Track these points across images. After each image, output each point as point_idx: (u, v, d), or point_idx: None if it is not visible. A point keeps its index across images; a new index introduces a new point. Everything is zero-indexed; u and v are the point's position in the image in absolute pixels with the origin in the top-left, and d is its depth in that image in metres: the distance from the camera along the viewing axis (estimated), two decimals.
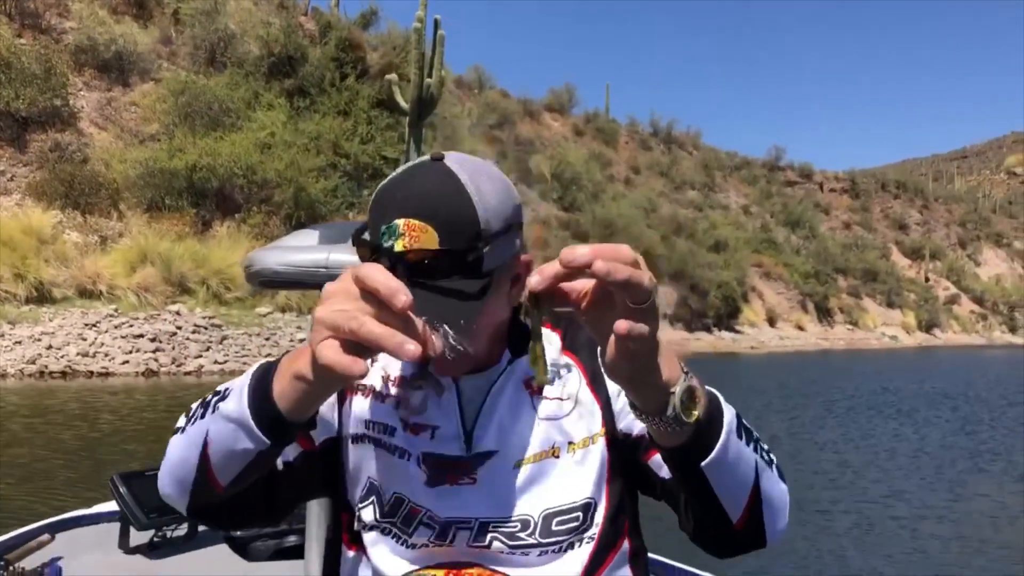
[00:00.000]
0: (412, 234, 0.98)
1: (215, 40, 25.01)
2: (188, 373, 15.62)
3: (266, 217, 20.09)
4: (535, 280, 0.81)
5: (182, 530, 2.29)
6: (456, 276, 1.00)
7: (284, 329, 17.65)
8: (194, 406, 1.06)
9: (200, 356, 16.16)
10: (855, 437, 11.72)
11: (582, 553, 1.11)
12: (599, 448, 1.14)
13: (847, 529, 6.73)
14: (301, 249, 1.66)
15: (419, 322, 0.79)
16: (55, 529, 2.22)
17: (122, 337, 15.76)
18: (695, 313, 37.64)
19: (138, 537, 2.22)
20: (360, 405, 1.15)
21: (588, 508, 1.12)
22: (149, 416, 10.91)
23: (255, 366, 0.98)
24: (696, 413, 0.89)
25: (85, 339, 15.40)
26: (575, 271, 0.80)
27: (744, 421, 1.00)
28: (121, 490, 2.14)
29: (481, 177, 1.04)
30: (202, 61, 24.92)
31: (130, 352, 15.50)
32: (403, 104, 22.29)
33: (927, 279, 63.48)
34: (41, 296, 16.28)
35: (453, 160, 1.05)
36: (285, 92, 24.29)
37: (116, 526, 2.26)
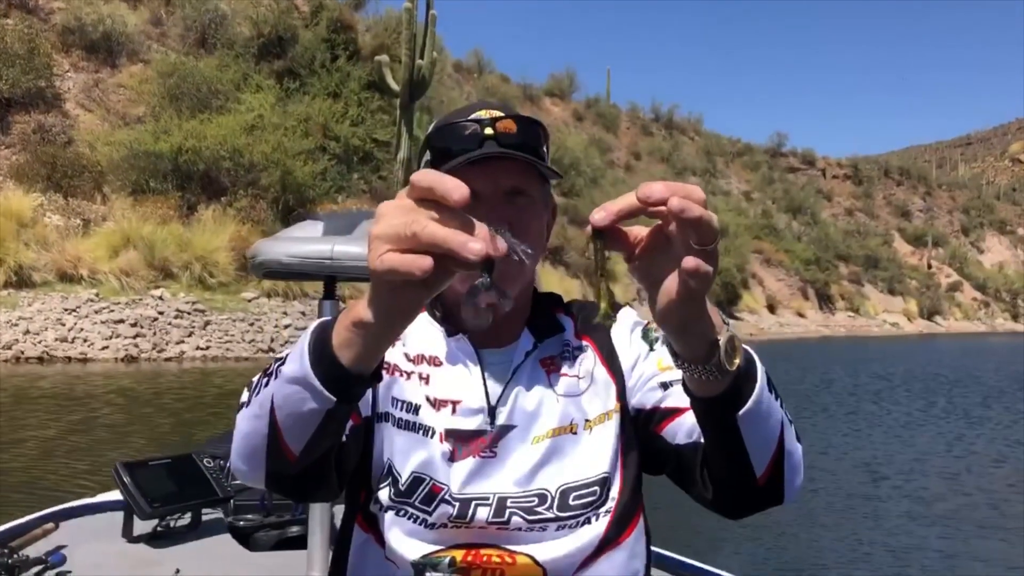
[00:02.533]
0: (494, 115, 1.12)
1: (206, 21, 24.62)
2: (169, 359, 15.33)
3: (253, 201, 19.71)
4: (599, 216, 0.81)
5: (185, 519, 2.30)
6: (535, 148, 1.13)
7: (269, 315, 17.33)
8: (255, 379, 1.02)
9: (182, 342, 15.86)
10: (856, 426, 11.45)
11: (598, 527, 1.15)
12: (614, 424, 1.18)
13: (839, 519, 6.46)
14: (306, 240, 1.73)
15: (481, 227, 0.74)
16: (59, 518, 2.25)
17: (102, 322, 15.45)
18: None
19: (142, 526, 2.22)
20: (386, 383, 1.17)
21: (604, 483, 1.15)
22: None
23: (313, 324, 0.93)
24: (737, 361, 0.91)
25: (64, 324, 15.09)
26: (650, 206, 0.79)
27: (770, 377, 1.00)
28: (125, 479, 2.13)
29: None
30: (192, 42, 24.53)
31: (110, 337, 15.19)
32: (394, 86, 21.95)
33: (929, 266, 63.19)
34: (20, 280, 15.95)
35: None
36: (275, 74, 23.90)
37: (120, 515, 2.25)
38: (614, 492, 1.16)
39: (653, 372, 1.19)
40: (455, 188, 0.72)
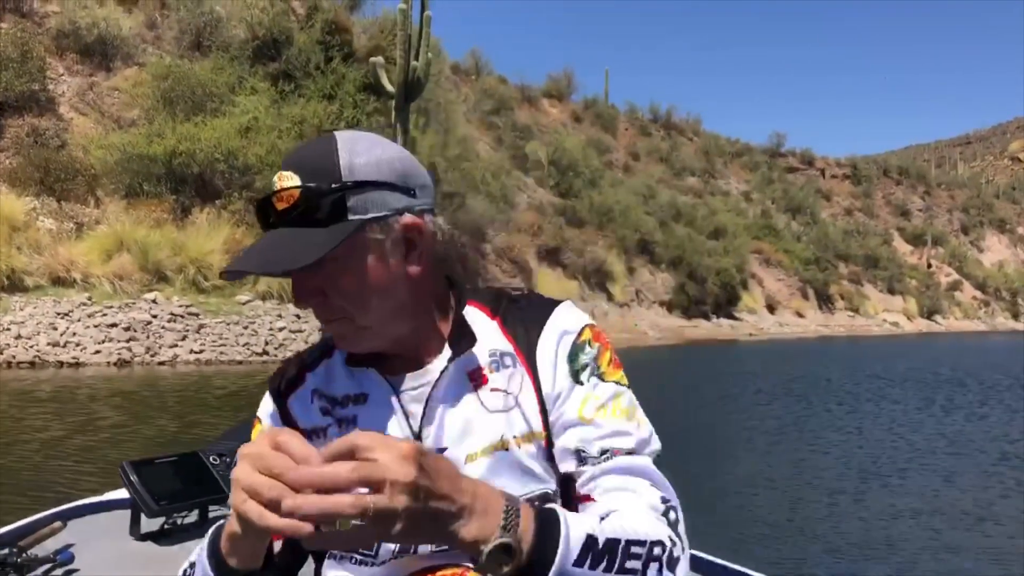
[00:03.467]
0: (281, 182, 1.06)
1: (201, 24, 24.53)
2: (162, 363, 15.23)
3: (247, 203, 19.59)
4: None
5: (192, 517, 2.29)
6: (316, 216, 1.04)
7: (264, 318, 17.21)
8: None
9: (175, 345, 15.76)
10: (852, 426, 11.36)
11: None
12: (542, 444, 1.14)
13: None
14: None
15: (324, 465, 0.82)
16: (66, 516, 2.24)
17: (95, 326, 15.35)
18: (693, 300, 37.26)
19: (149, 524, 2.22)
20: None
21: (545, 499, 1.11)
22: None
23: (209, 532, 1.06)
24: (507, 569, 0.88)
25: (56, 328, 15.00)
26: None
27: (609, 544, 0.95)
28: (131, 477, 2.13)
29: (363, 140, 1.09)
30: (187, 45, 24.45)
31: (102, 341, 15.10)
32: (389, 87, 21.83)
33: (929, 265, 63.14)
34: (12, 284, 15.84)
35: (346, 131, 1.11)
36: (270, 76, 23.78)
37: (127, 513, 2.25)
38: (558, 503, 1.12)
39: (572, 421, 1.12)
40: (306, 458, 0.83)
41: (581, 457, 1.11)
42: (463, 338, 1.15)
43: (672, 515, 1.07)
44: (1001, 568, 5.55)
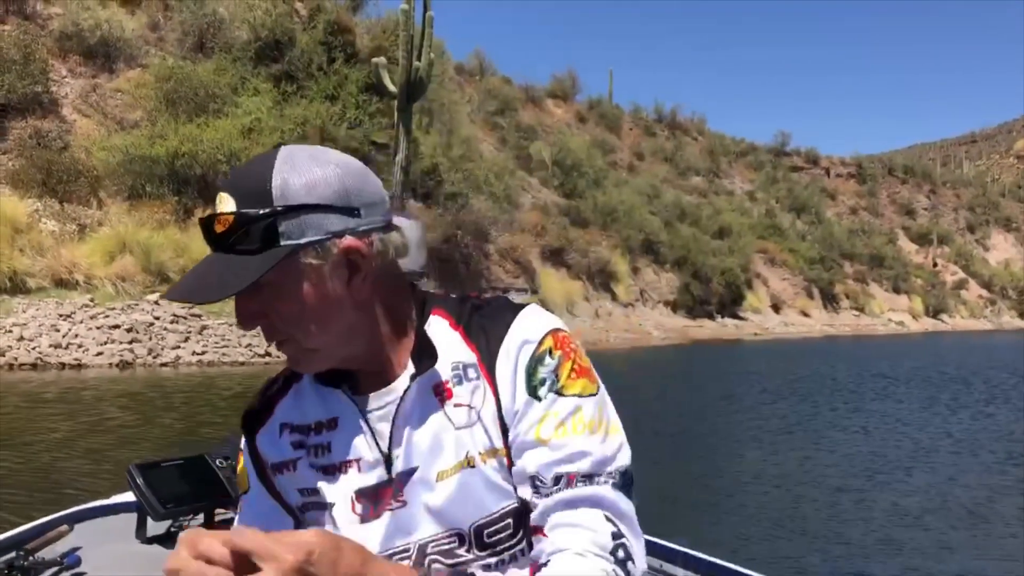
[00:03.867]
0: (219, 204, 1.04)
1: (204, 25, 24.55)
2: (165, 364, 15.20)
3: None
4: None
5: (198, 520, 2.30)
6: (247, 243, 1.02)
7: None
8: None
9: (178, 347, 15.73)
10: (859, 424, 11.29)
11: (524, 563, 1.10)
12: (504, 460, 1.10)
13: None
14: None
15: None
16: (73, 520, 2.26)
17: (97, 328, 15.33)
18: (698, 300, 37.16)
19: (155, 527, 2.24)
20: (286, 484, 1.19)
21: (517, 514, 1.09)
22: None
23: None
24: None
25: (59, 330, 14.97)
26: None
27: None
28: (138, 481, 2.13)
29: (302, 159, 1.04)
30: (190, 47, 24.46)
31: (104, 343, 15.07)
32: (391, 88, 21.80)
33: (935, 264, 62.95)
34: (15, 286, 15.84)
35: (291, 147, 1.07)
36: (272, 77, 23.79)
37: (133, 517, 2.26)
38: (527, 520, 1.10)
39: (530, 442, 1.07)
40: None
41: (535, 485, 1.06)
42: (425, 352, 1.10)
43: (621, 552, 1.03)
44: (1006, 567, 5.51)
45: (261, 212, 1.01)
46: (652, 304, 35.52)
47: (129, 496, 2.30)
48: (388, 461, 1.10)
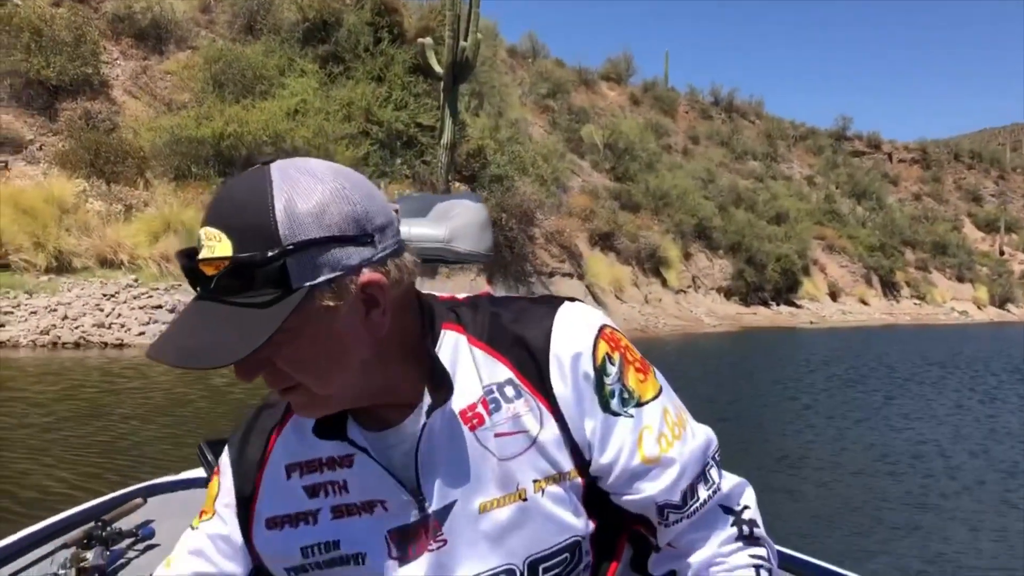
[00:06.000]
0: (208, 244, 0.87)
1: (254, 7, 24.68)
2: None
3: None
4: None
5: None
6: (252, 290, 0.86)
7: None
8: None
9: None
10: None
11: None
12: (573, 485, 1.03)
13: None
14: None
15: None
16: (147, 493, 2.30)
17: (140, 308, 15.42)
18: (752, 287, 36.46)
19: None
20: (281, 543, 1.05)
21: (575, 546, 1.04)
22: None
23: None
24: None
25: (102, 310, 15.08)
26: None
27: None
28: (208, 457, 2.07)
29: (303, 179, 0.88)
30: (239, 29, 24.61)
31: (147, 323, 15.14)
32: (437, 68, 21.61)
33: (1002, 252, 61.05)
34: (61, 266, 16.00)
35: (281, 163, 0.91)
36: (319, 58, 23.78)
37: (203, 492, 2.14)
38: (586, 545, 1.06)
39: (638, 468, 1.02)
40: None
41: (664, 513, 1.04)
42: (442, 378, 0.99)
43: (745, 528, 1.05)
44: None
45: (269, 255, 0.85)
46: (704, 291, 34.92)
47: (200, 472, 2.31)
48: (419, 499, 1.01)
